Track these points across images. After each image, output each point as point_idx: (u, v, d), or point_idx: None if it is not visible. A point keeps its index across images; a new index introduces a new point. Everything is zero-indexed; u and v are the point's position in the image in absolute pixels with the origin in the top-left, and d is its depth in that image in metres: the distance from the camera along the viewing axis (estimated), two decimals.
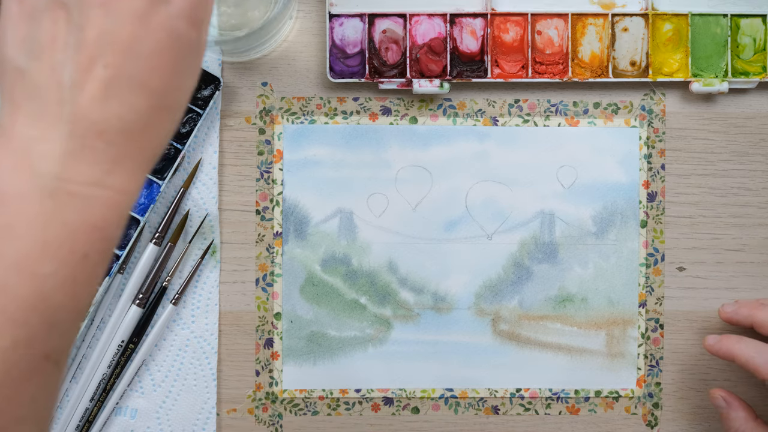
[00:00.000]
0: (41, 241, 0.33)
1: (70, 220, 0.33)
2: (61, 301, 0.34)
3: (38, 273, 0.33)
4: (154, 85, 0.34)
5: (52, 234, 0.33)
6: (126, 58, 0.34)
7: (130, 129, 0.34)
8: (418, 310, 0.62)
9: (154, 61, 0.34)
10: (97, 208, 0.33)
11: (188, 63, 0.36)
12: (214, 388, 0.61)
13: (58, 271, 0.33)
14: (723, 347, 0.56)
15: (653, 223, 0.62)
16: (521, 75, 0.61)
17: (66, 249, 0.33)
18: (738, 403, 0.58)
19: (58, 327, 0.34)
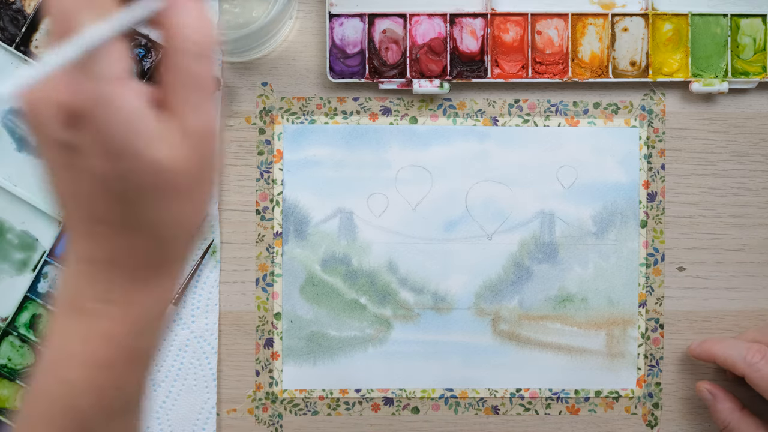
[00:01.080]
0: (67, 351, 0.36)
1: (84, 332, 0.36)
2: (88, 404, 0.36)
3: (65, 379, 0.36)
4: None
5: (73, 344, 0.36)
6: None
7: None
8: (418, 310, 0.62)
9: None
10: (105, 321, 0.36)
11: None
12: (214, 388, 0.61)
13: (82, 378, 0.36)
14: (704, 350, 0.60)
15: (653, 223, 0.62)
16: (521, 75, 0.61)
17: (85, 358, 0.36)
18: (724, 394, 0.59)
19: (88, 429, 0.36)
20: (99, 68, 0.31)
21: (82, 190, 0.34)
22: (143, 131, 0.32)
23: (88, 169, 0.33)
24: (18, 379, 0.60)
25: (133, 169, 0.33)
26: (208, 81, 0.34)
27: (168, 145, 0.33)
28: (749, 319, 0.62)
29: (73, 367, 0.36)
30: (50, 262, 0.60)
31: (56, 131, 0.33)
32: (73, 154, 0.33)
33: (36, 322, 0.60)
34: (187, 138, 0.34)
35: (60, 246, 0.60)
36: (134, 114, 0.32)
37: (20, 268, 0.60)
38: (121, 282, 0.36)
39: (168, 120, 0.33)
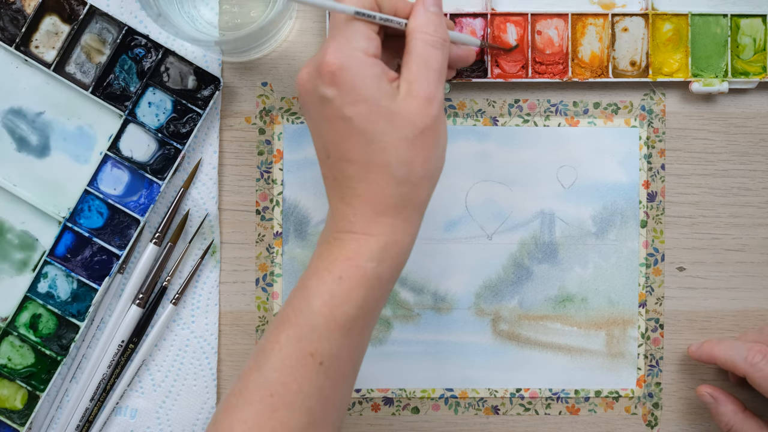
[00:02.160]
0: (314, 264, 0.48)
1: (333, 252, 0.47)
2: (319, 309, 0.46)
3: (306, 285, 0.47)
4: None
5: (321, 260, 0.48)
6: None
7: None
8: (418, 310, 0.62)
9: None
10: (349, 244, 0.47)
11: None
12: (214, 388, 0.61)
13: (318, 286, 0.47)
14: (704, 352, 0.60)
15: (653, 223, 0.62)
16: (521, 75, 0.61)
17: (326, 271, 0.47)
18: (725, 397, 0.59)
19: (318, 330, 0.46)
20: (356, 41, 0.47)
21: (337, 134, 0.47)
22: (381, 87, 0.46)
23: (340, 115, 0.46)
24: (18, 379, 0.60)
25: (371, 110, 0.46)
26: (437, 62, 0.48)
27: (397, 100, 0.47)
28: (749, 319, 0.62)
29: (314, 280, 0.47)
30: (50, 262, 0.60)
31: (321, 89, 0.47)
32: (329, 105, 0.47)
33: (36, 322, 0.60)
34: (413, 99, 0.47)
35: (60, 246, 0.60)
36: (376, 75, 0.47)
37: (20, 268, 0.60)
38: (361, 215, 0.47)
39: (401, 86, 0.47)
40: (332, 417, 0.48)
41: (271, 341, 0.47)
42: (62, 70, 0.60)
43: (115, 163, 0.60)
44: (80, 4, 0.60)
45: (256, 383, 0.46)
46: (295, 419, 0.46)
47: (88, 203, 0.60)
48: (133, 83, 0.60)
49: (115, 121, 0.60)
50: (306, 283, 0.48)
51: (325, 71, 0.46)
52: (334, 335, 0.46)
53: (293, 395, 0.46)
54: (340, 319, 0.46)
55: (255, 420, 0.46)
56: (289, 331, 0.47)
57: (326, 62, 0.46)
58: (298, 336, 0.46)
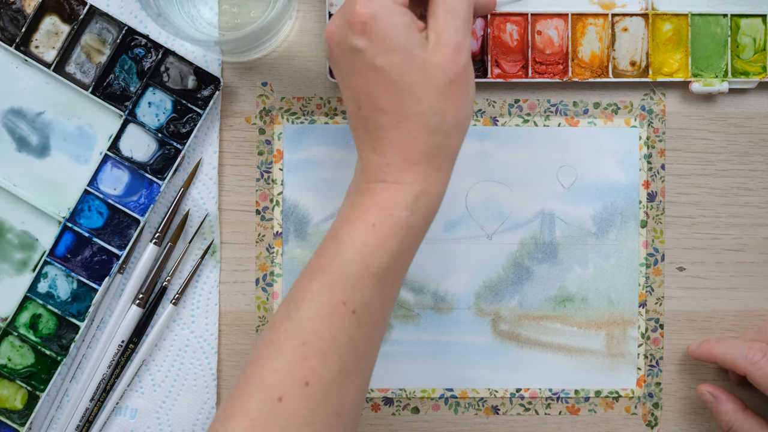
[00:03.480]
0: (346, 214, 0.48)
1: (365, 202, 0.47)
2: (352, 257, 0.46)
3: (338, 234, 0.47)
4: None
5: (353, 209, 0.48)
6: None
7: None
8: (418, 310, 0.62)
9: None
10: (381, 193, 0.47)
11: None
12: (214, 388, 0.61)
13: (350, 234, 0.47)
14: (704, 351, 0.60)
15: (653, 223, 0.62)
16: (521, 75, 0.61)
17: (359, 219, 0.47)
18: (726, 396, 0.59)
19: (350, 278, 0.46)
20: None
21: (369, 86, 0.47)
22: (411, 36, 0.46)
23: (371, 65, 0.46)
24: (18, 379, 0.60)
25: (403, 60, 0.46)
26: (463, 11, 0.47)
27: (426, 49, 0.47)
28: (749, 319, 0.62)
29: (346, 228, 0.47)
30: (50, 262, 0.60)
31: (351, 40, 0.46)
32: (361, 55, 0.46)
33: (36, 322, 0.60)
34: (442, 48, 0.47)
35: (60, 246, 0.60)
36: (406, 24, 0.47)
37: (20, 268, 0.60)
38: (395, 164, 0.47)
39: (429, 35, 0.47)
40: (363, 365, 0.48)
41: (302, 291, 0.47)
42: (62, 70, 0.60)
43: (115, 163, 0.60)
44: (80, 4, 0.60)
45: (287, 332, 0.46)
46: (327, 367, 0.46)
47: (88, 203, 0.60)
48: (133, 83, 0.60)
49: (115, 121, 0.60)
50: (338, 232, 0.47)
51: (356, 21, 0.46)
52: (367, 284, 0.46)
53: (326, 343, 0.46)
54: (373, 267, 0.46)
55: (287, 368, 0.45)
56: (321, 279, 0.47)
57: (357, 12, 0.46)
58: (331, 284, 0.46)
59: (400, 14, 0.46)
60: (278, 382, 0.45)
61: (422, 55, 0.46)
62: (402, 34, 0.46)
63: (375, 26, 0.46)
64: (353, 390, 0.47)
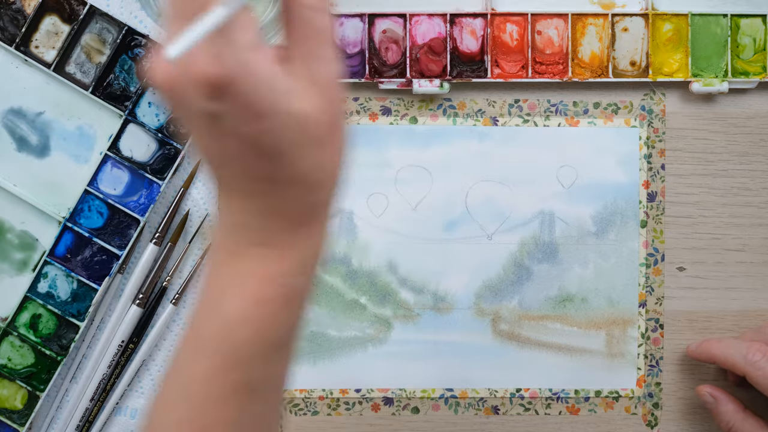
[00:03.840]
0: (225, 290, 0.40)
1: (242, 273, 0.39)
2: (243, 338, 0.39)
3: (223, 314, 0.39)
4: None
5: (231, 284, 0.39)
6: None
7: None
8: (418, 310, 0.62)
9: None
10: (262, 263, 0.39)
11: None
12: None
13: (239, 311, 0.39)
14: (703, 351, 0.60)
15: (653, 223, 0.62)
16: (521, 75, 0.61)
17: (243, 295, 0.39)
18: (726, 397, 0.59)
19: (244, 363, 0.39)
20: (237, 38, 0.34)
21: (232, 152, 0.37)
22: (279, 89, 0.35)
23: (234, 133, 0.36)
24: (18, 379, 0.60)
25: (275, 125, 0.36)
26: (329, 32, 0.37)
27: (300, 97, 0.36)
28: (749, 319, 0.62)
29: (231, 303, 0.39)
30: (50, 262, 0.60)
31: (201, 104, 0.35)
32: (218, 122, 0.35)
33: (36, 322, 0.60)
34: (315, 87, 0.37)
35: (60, 246, 0.60)
36: (270, 75, 0.35)
37: (20, 268, 0.60)
38: (275, 228, 0.39)
39: (295, 73, 0.36)
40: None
41: (189, 374, 0.40)
42: (62, 70, 0.60)
43: (115, 163, 0.60)
44: (80, 4, 0.60)
45: (179, 425, 0.40)
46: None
47: (88, 203, 0.60)
48: (133, 83, 0.60)
49: (115, 121, 0.60)
50: (220, 308, 0.40)
51: (206, 83, 0.34)
52: (263, 360, 0.40)
53: (227, 428, 0.40)
54: (268, 342, 0.40)
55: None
56: (211, 362, 0.39)
57: (206, 72, 0.34)
58: (223, 366, 0.39)
59: (263, 66, 0.35)
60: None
61: (295, 107, 0.36)
62: (269, 93, 0.35)
63: (235, 90, 0.34)
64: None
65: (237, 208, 0.39)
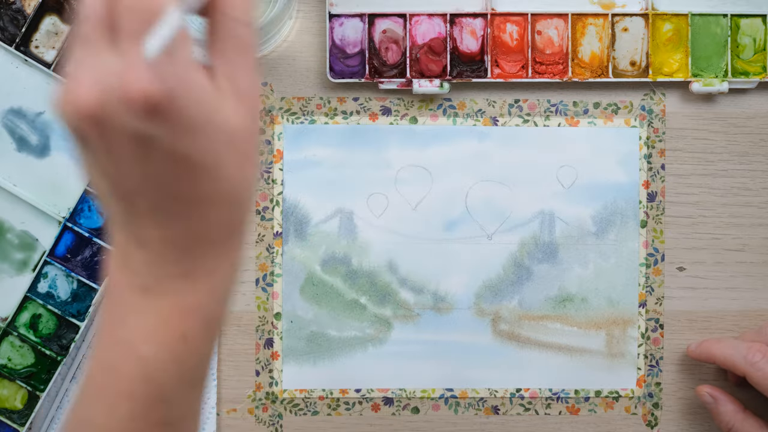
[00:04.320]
0: (141, 327, 0.37)
1: (159, 309, 0.37)
2: (168, 377, 0.37)
3: (144, 356, 0.37)
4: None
5: (148, 322, 0.37)
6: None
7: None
8: (418, 310, 0.62)
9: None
10: (183, 295, 0.37)
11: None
12: (214, 388, 0.61)
13: (161, 353, 0.37)
14: (703, 351, 0.60)
15: (653, 223, 0.62)
16: (521, 75, 0.61)
17: (165, 333, 0.37)
18: (725, 397, 0.59)
19: (167, 400, 0.38)
20: (176, 53, 0.33)
21: (155, 175, 0.34)
22: (212, 103, 0.34)
23: (167, 153, 0.33)
24: (18, 379, 0.60)
25: (207, 140, 0.34)
26: (253, 45, 0.37)
27: (228, 111, 0.35)
28: (749, 319, 0.62)
29: (151, 343, 0.37)
30: (50, 262, 0.60)
31: (133, 125, 0.32)
32: (147, 143, 0.33)
33: (36, 322, 0.60)
34: (241, 98, 0.36)
35: (60, 246, 0.60)
36: (204, 91, 0.34)
37: (20, 268, 0.60)
38: (196, 255, 0.37)
39: (221, 87, 0.35)
40: None
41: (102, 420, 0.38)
42: (62, 70, 0.60)
43: None
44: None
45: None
46: None
47: (88, 203, 0.60)
48: None
49: None
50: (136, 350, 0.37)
51: (140, 101, 0.31)
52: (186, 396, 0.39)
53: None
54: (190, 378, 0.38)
55: None
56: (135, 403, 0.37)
57: (141, 90, 0.31)
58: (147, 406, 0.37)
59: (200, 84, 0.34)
60: None
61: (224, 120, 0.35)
62: (202, 104, 0.33)
63: (173, 107, 0.32)
64: None
65: (152, 240, 0.36)
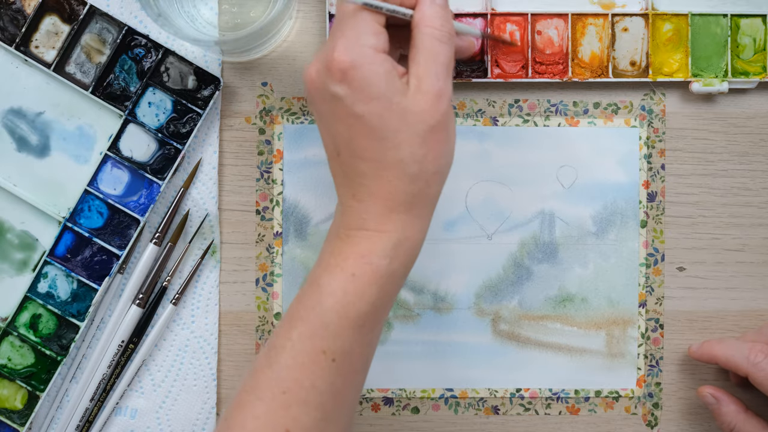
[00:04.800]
0: (326, 261, 0.48)
1: (345, 249, 0.48)
2: (332, 306, 0.47)
3: (318, 283, 0.48)
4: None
5: (333, 257, 0.48)
6: None
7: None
8: (418, 310, 0.62)
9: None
10: (361, 241, 0.47)
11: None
12: (214, 388, 0.61)
13: (330, 283, 0.47)
14: (705, 351, 0.60)
15: (653, 223, 0.62)
16: (521, 75, 0.61)
17: (338, 268, 0.47)
18: (727, 397, 0.59)
19: (330, 328, 0.46)
20: (363, 37, 0.46)
21: (347, 133, 0.47)
22: (392, 83, 0.46)
23: (350, 113, 0.46)
24: (18, 379, 0.60)
25: (382, 108, 0.46)
26: (444, 57, 0.47)
27: (406, 96, 0.46)
28: (749, 319, 0.62)
29: (327, 278, 0.47)
30: (50, 262, 0.60)
31: (330, 87, 0.46)
32: (339, 103, 0.46)
33: (36, 322, 0.60)
34: (423, 95, 0.47)
35: (60, 246, 0.60)
36: (386, 72, 0.46)
37: (20, 268, 0.60)
38: (372, 212, 0.47)
39: (411, 82, 0.47)
40: (344, 412, 0.48)
41: (282, 338, 0.47)
42: (62, 70, 0.60)
43: (115, 163, 0.60)
44: (80, 4, 0.60)
45: (268, 380, 0.47)
46: (307, 415, 0.46)
47: (88, 203, 0.60)
48: (133, 83, 0.60)
49: (115, 121, 0.60)
50: (317, 280, 0.48)
51: (336, 69, 0.46)
52: (347, 332, 0.47)
53: (306, 392, 0.46)
54: (352, 316, 0.47)
55: (267, 416, 0.46)
56: (301, 329, 0.47)
57: (336, 59, 0.46)
58: (311, 333, 0.46)
59: (381, 62, 0.46)
60: (259, 429, 0.46)
61: (402, 103, 0.46)
62: (382, 81, 0.46)
63: (355, 74, 0.45)
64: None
65: (349, 192, 0.48)
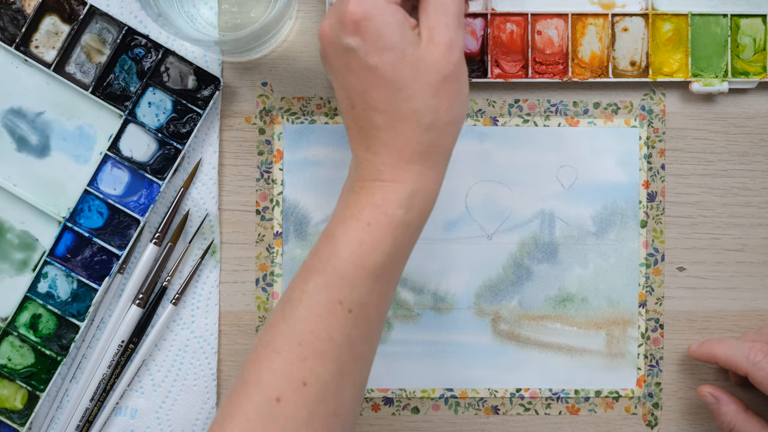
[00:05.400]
0: (341, 213, 0.48)
1: (360, 201, 0.48)
2: (347, 256, 0.46)
3: (333, 234, 0.47)
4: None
5: (348, 209, 0.48)
6: None
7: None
8: (418, 310, 0.62)
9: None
10: (376, 192, 0.47)
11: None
12: (214, 388, 0.61)
13: (346, 233, 0.47)
14: (704, 351, 0.60)
15: (653, 223, 0.62)
16: (521, 75, 0.61)
17: (354, 219, 0.47)
18: (727, 397, 0.59)
19: (346, 278, 0.46)
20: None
21: (360, 85, 0.47)
22: (404, 34, 0.47)
23: (364, 65, 0.47)
24: (18, 379, 0.60)
25: (395, 59, 0.46)
26: (454, 7, 0.47)
27: (418, 47, 0.47)
28: (749, 319, 0.62)
29: (343, 228, 0.47)
30: (50, 262, 0.60)
31: (344, 39, 0.47)
32: (353, 54, 0.47)
33: (36, 322, 0.60)
34: (435, 45, 0.47)
35: (60, 246, 0.60)
36: (399, 23, 0.47)
37: (20, 268, 0.60)
38: (387, 163, 0.48)
39: (423, 34, 0.47)
40: (361, 364, 0.48)
41: (298, 291, 0.47)
42: (62, 70, 0.60)
43: (115, 163, 0.60)
44: (80, 4, 0.60)
45: (283, 333, 0.46)
46: (324, 367, 0.46)
47: (88, 203, 0.60)
48: (133, 83, 0.60)
49: (115, 121, 0.60)
50: (333, 231, 0.48)
51: (349, 21, 0.46)
52: (363, 283, 0.47)
53: (322, 343, 0.46)
54: (369, 266, 0.47)
55: (284, 369, 0.46)
56: (317, 279, 0.47)
57: (349, 11, 0.46)
58: (326, 284, 0.46)
59: (393, 13, 0.46)
60: (276, 382, 0.45)
61: (415, 53, 0.47)
62: (395, 32, 0.46)
63: (368, 25, 0.46)
64: (351, 389, 0.47)
65: (363, 145, 0.48)
